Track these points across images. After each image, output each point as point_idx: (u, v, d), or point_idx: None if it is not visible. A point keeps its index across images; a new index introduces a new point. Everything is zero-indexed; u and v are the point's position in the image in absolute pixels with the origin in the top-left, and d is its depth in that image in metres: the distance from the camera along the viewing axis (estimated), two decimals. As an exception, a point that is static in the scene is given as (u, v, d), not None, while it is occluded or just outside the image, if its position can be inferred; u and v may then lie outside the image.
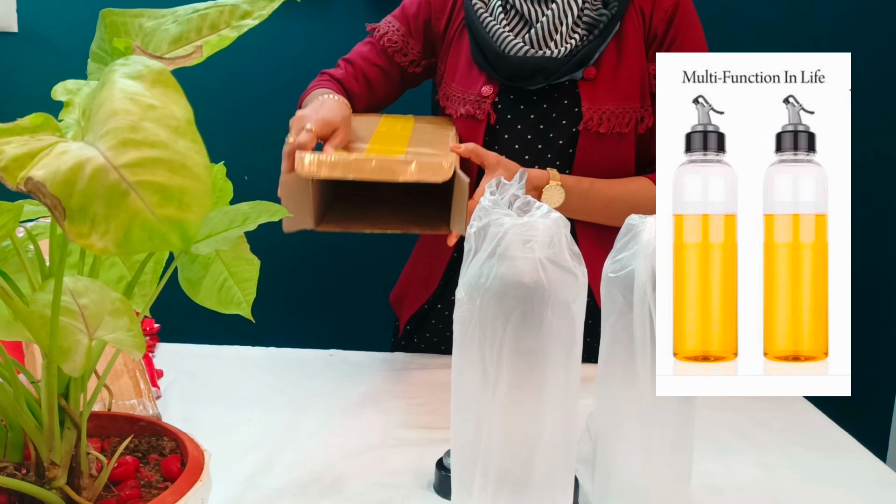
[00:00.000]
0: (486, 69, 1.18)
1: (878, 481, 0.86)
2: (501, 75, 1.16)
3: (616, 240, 0.72)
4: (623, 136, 1.15)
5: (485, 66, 1.18)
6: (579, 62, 1.14)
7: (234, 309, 0.65)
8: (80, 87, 0.52)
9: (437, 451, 0.83)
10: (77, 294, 0.50)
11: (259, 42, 1.91)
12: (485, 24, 1.17)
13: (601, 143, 1.15)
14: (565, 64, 1.13)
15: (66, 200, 0.37)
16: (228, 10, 0.54)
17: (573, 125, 1.16)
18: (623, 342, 0.70)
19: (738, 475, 0.86)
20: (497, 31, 1.16)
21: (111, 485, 0.57)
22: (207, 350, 1.21)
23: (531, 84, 1.16)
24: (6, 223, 0.51)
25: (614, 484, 0.74)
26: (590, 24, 1.14)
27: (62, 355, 0.48)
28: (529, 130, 1.19)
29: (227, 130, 1.93)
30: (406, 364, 1.20)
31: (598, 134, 1.14)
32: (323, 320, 2.05)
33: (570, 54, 1.13)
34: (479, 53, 1.18)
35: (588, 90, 1.15)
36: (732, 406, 1.03)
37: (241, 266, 0.65)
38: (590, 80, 1.15)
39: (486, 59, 1.18)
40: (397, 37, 1.26)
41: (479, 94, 1.19)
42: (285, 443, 0.91)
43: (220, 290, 0.65)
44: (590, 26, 1.14)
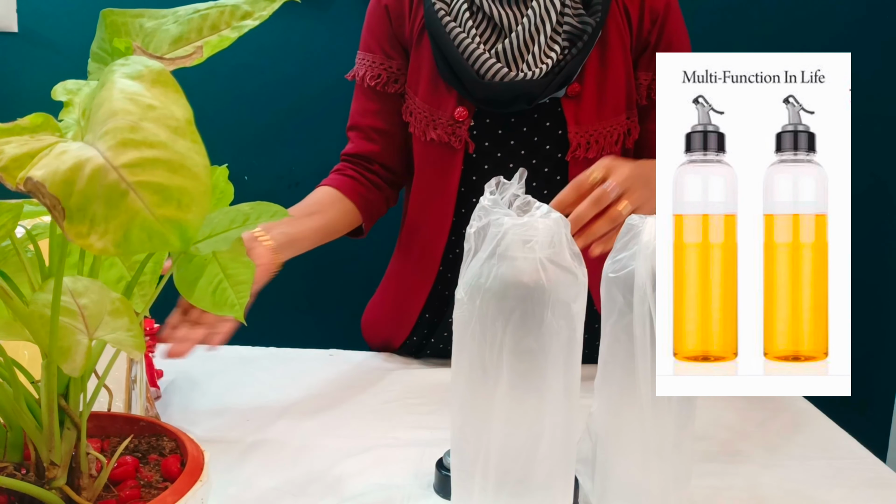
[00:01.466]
0: (457, 87, 1.06)
1: (878, 481, 0.86)
2: (477, 99, 1.05)
3: (616, 240, 0.72)
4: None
5: (454, 84, 1.06)
6: (563, 80, 1.03)
7: (228, 311, 0.65)
8: (80, 87, 0.52)
9: (437, 451, 0.83)
10: (77, 294, 0.50)
11: (259, 42, 1.91)
12: (450, 31, 1.04)
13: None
14: (548, 85, 1.02)
15: (65, 200, 0.37)
16: (229, 11, 0.54)
17: (558, 151, 1.07)
18: (623, 342, 0.70)
19: (738, 475, 0.86)
20: (465, 45, 1.03)
21: (111, 485, 0.57)
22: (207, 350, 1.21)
23: (510, 109, 1.05)
24: (6, 223, 0.51)
25: (614, 484, 0.74)
26: (571, 33, 1.03)
27: (62, 355, 0.48)
28: (511, 158, 1.09)
29: (227, 130, 1.93)
30: (406, 364, 1.20)
31: (587, 160, 1.04)
32: (323, 320, 2.05)
33: (553, 72, 1.02)
34: (446, 68, 1.06)
35: (572, 109, 1.05)
36: (732, 406, 1.03)
37: (237, 268, 0.65)
38: (573, 97, 1.05)
39: (455, 76, 1.05)
40: (376, 70, 1.15)
41: (452, 117, 1.07)
42: (285, 443, 0.91)
43: (215, 292, 0.65)
44: (572, 36, 1.03)
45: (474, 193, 1.12)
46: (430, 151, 1.11)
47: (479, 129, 1.08)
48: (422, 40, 1.11)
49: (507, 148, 1.09)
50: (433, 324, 1.23)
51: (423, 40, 1.11)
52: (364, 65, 1.17)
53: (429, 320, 1.23)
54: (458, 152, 1.08)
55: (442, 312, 1.22)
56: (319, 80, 1.93)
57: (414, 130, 1.13)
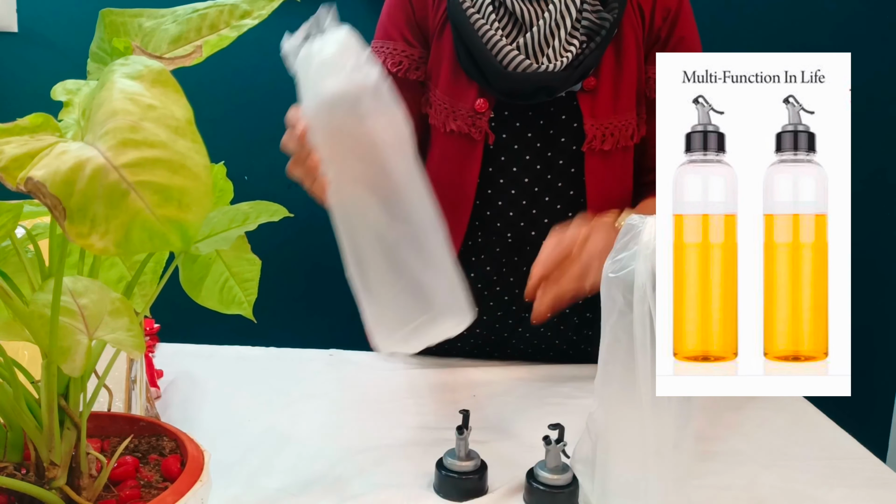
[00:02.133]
0: (478, 79, 1.07)
1: (878, 481, 0.86)
2: (498, 91, 1.06)
3: (616, 240, 0.72)
4: (627, 150, 1.09)
5: (476, 76, 1.07)
6: (581, 73, 1.04)
7: (236, 309, 0.65)
8: (79, 87, 0.52)
9: (437, 451, 0.83)
10: (77, 294, 0.50)
11: (259, 42, 1.91)
12: (476, 26, 1.05)
13: (607, 161, 1.08)
14: (568, 78, 1.03)
15: (65, 200, 0.37)
16: (228, 10, 0.54)
17: (573, 143, 1.08)
18: (623, 342, 0.70)
19: (738, 475, 0.86)
20: (490, 37, 1.04)
21: (111, 485, 0.57)
22: (207, 350, 1.21)
23: (531, 101, 1.06)
24: (6, 223, 0.51)
25: (614, 484, 0.74)
26: (590, 28, 1.05)
27: (62, 355, 0.48)
28: (527, 150, 1.09)
29: (227, 130, 1.93)
30: (406, 364, 1.20)
31: (602, 152, 1.07)
32: (323, 320, 2.05)
33: (572, 66, 1.04)
34: (468, 60, 1.06)
35: (588, 103, 1.07)
36: (732, 406, 1.03)
37: (242, 266, 0.65)
38: (589, 91, 1.07)
39: (478, 68, 1.06)
40: (397, 57, 1.13)
41: (473, 109, 1.08)
42: (285, 443, 0.91)
43: (222, 291, 0.65)
44: (590, 31, 1.05)
45: (490, 185, 1.12)
46: (450, 143, 1.12)
47: (497, 122, 1.09)
48: (443, 32, 1.11)
49: (524, 140, 1.09)
50: None
51: (444, 32, 1.11)
52: (383, 52, 1.14)
53: None
54: (478, 144, 1.09)
55: None
56: (319, 79, 1.92)
57: (433, 121, 1.14)
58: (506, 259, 1.16)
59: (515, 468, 0.82)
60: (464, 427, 0.80)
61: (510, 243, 1.15)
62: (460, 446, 0.80)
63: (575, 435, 0.78)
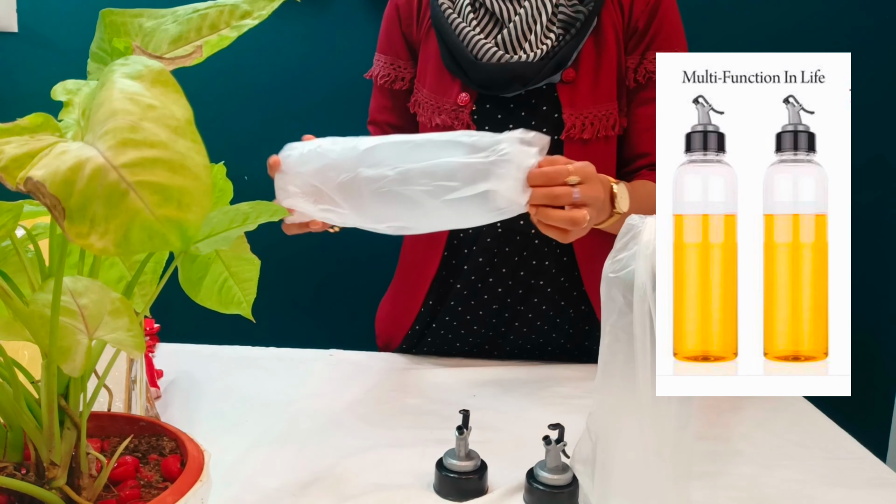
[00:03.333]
0: (459, 75, 1.13)
1: (878, 481, 0.86)
2: (476, 83, 1.12)
3: (616, 240, 0.72)
4: (608, 140, 1.12)
5: (457, 72, 1.13)
6: (557, 64, 1.09)
7: (235, 309, 0.65)
8: (79, 87, 0.52)
9: (437, 451, 0.83)
10: (77, 294, 0.50)
11: (259, 42, 1.91)
12: (453, 25, 1.12)
13: (587, 149, 1.11)
14: (542, 68, 1.08)
15: (65, 200, 0.37)
16: (228, 10, 0.54)
17: (554, 133, 1.11)
18: (623, 342, 0.70)
19: (738, 475, 0.86)
20: (467, 34, 1.11)
21: (111, 485, 0.57)
22: (207, 350, 1.21)
23: (507, 92, 1.11)
24: (6, 223, 0.51)
25: (614, 484, 0.74)
26: (566, 21, 1.09)
27: (62, 355, 0.48)
28: None
29: (227, 130, 1.93)
30: (406, 364, 1.20)
31: (582, 141, 1.10)
32: (323, 320, 2.05)
33: (547, 57, 1.08)
34: (449, 58, 1.13)
35: (568, 94, 1.11)
36: (733, 406, 1.03)
37: (241, 266, 0.65)
38: (569, 82, 1.11)
39: (458, 64, 1.12)
40: (386, 69, 1.23)
41: (455, 102, 1.14)
42: (285, 443, 0.91)
43: (221, 291, 0.65)
44: (566, 24, 1.09)
45: None
46: None
47: (480, 114, 1.14)
48: (429, 37, 1.18)
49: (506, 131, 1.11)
50: (435, 311, 1.25)
51: (430, 37, 1.18)
52: (378, 65, 1.26)
53: (432, 307, 1.25)
54: None
55: (444, 298, 1.23)
56: (319, 79, 1.93)
57: (421, 119, 1.20)
58: (497, 249, 1.18)
59: (515, 468, 0.82)
60: (464, 427, 0.80)
61: (500, 233, 1.17)
62: (460, 446, 0.80)
63: (575, 435, 0.78)
